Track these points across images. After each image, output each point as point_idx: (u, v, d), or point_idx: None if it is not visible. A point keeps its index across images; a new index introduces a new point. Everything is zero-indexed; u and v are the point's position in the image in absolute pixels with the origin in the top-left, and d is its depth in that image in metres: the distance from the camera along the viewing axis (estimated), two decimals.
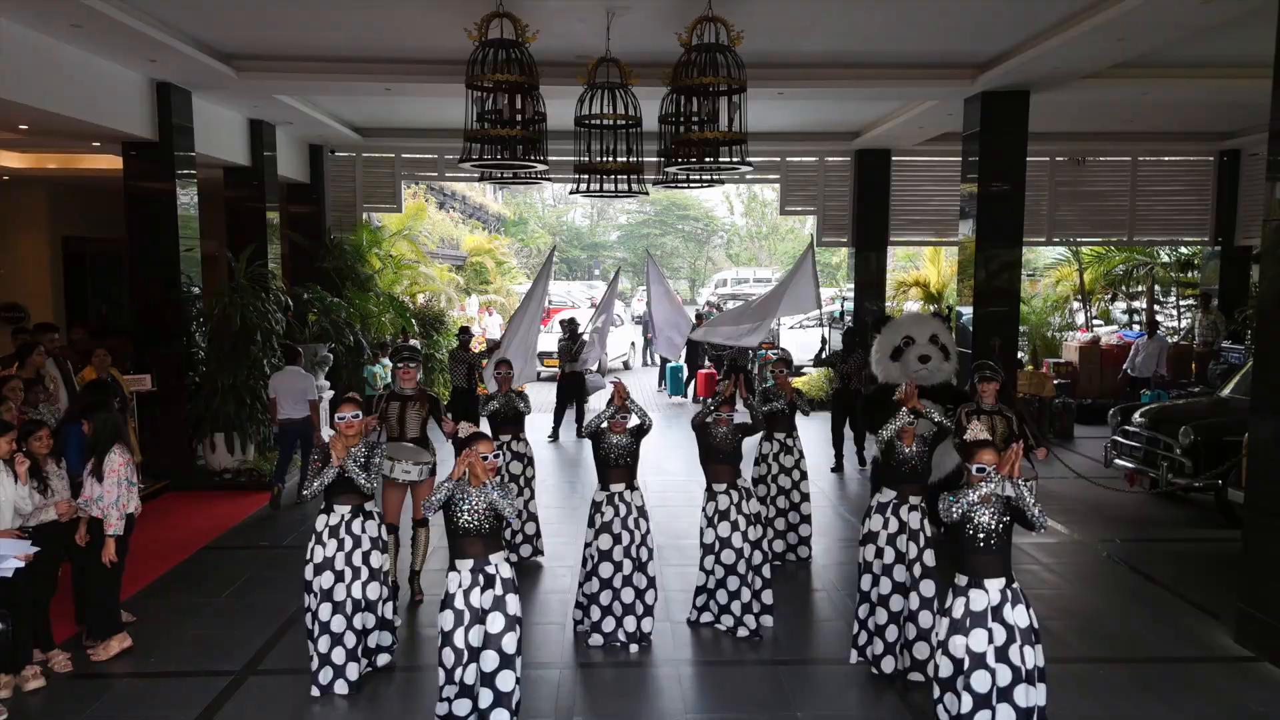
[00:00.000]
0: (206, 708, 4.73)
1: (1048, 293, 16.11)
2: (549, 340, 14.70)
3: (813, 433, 10.07)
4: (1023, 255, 19.61)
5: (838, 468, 10.11)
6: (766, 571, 5.79)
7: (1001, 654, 3.94)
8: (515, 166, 6.76)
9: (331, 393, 11.71)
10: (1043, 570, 6.99)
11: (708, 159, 6.63)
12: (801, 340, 18.24)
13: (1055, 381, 12.22)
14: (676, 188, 8.65)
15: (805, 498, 7.18)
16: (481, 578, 4.16)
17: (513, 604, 4.19)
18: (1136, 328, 15.86)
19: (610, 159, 7.29)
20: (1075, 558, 7.33)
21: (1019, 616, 3.98)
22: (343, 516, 4.91)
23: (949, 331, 7.87)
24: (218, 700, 4.82)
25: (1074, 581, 6.77)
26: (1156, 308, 16.47)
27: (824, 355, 12.92)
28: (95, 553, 5.16)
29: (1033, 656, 3.97)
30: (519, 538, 7.07)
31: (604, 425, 5.58)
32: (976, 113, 9.45)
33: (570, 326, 12.66)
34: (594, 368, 12.15)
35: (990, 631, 3.95)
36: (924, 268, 15.34)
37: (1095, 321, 17.36)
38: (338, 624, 4.83)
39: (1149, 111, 11.50)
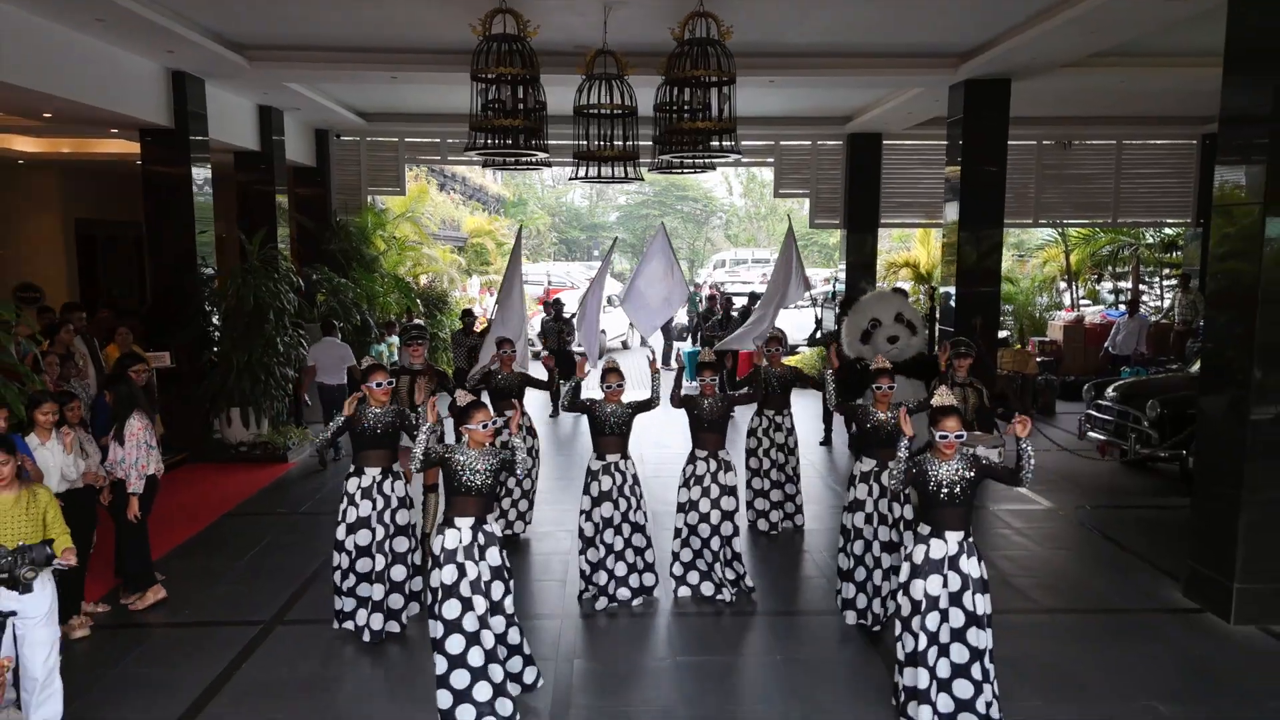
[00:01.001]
0: (240, 653, 5.19)
1: (1035, 273, 16.51)
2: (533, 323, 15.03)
3: (802, 409, 10.49)
4: (1013, 237, 20.02)
5: (826, 441, 10.55)
6: (738, 545, 6.07)
7: (955, 599, 4.37)
8: (517, 154, 7.14)
9: None
10: (1015, 534, 7.45)
11: (699, 147, 7.01)
12: (796, 320, 18.67)
13: (1039, 359, 12.65)
14: (671, 173, 9.01)
15: (796, 469, 7.58)
16: (482, 536, 4.46)
17: (504, 557, 4.50)
18: (1121, 307, 16.25)
19: (607, 145, 7.66)
20: (1047, 523, 7.78)
21: (972, 567, 4.40)
22: (374, 478, 5.35)
23: (910, 305, 8.27)
24: (249, 647, 5.28)
25: (1042, 543, 7.22)
26: (1143, 288, 16.87)
27: (818, 335, 13.27)
28: (124, 512, 5.61)
29: (983, 604, 4.39)
30: (512, 513, 7.27)
31: (600, 397, 5.92)
32: (960, 100, 9.82)
33: (556, 307, 12.93)
34: (579, 348, 12.35)
35: (945, 578, 4.37)
36: (915, 249, 15.73)
37: (1083, 301, 17.76)
38: (367, 579, 5.27)
39: (1132, 97, 11.84)
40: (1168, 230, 16.05)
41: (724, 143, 7.02)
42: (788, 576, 6.57)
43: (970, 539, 4.45)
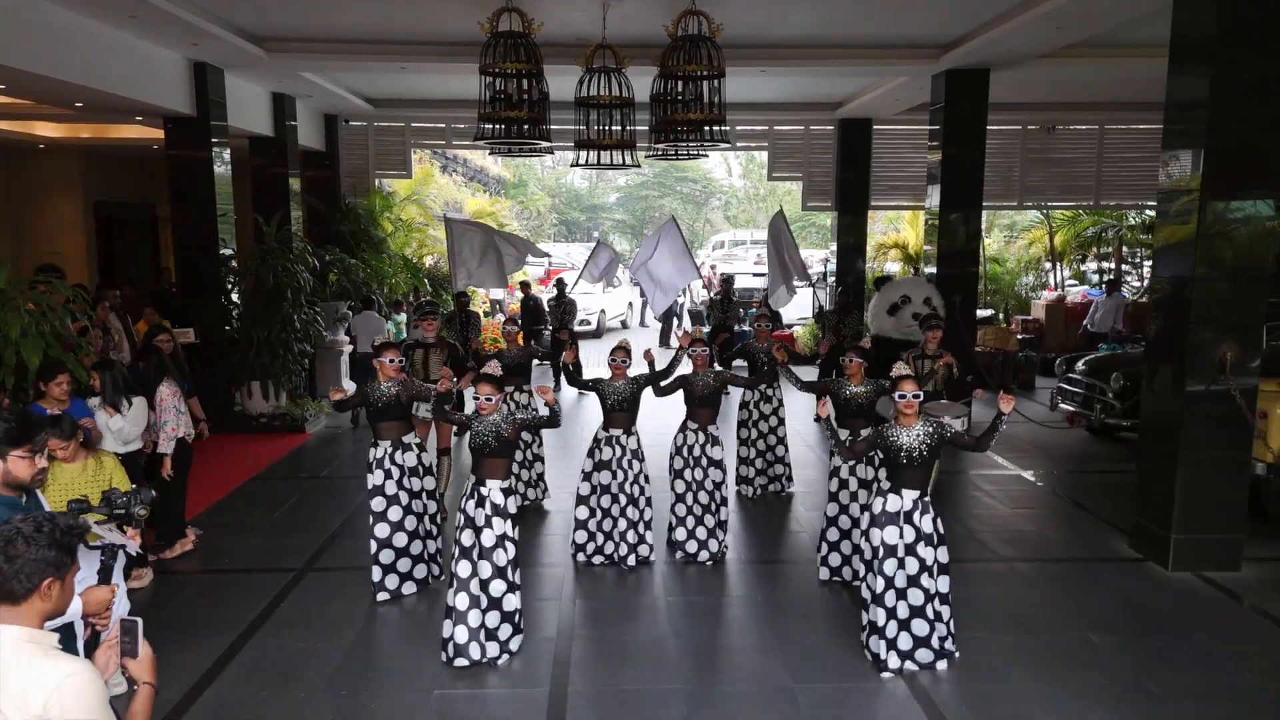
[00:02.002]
0: (276, 596, 5.79)
1: (1021, 254, 17.02)
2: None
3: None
4: (1006, 219, 20.48)
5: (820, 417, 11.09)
6: (723, 514, 6.48)
7: (910, 549, 4.93)
8: (522, 143, 7.67)
9: (350, 347, 12.73)
10: (984, 496, 8.04)
11: (692, 136, 7.54)
12: (795, 299, 19.20)
13: (1019, 336, 13.20)
14: (666, 159, 9.52)
15: (783, 441, 8.12)
16: (477, 495, 4.96)
17: (500, 525, 4.91)
18: (1102, 287, 16.77)
19: (607, 134, 8.17)
20: (1015, 486, 8.37)
21: (926, 523, 4.95)
22: (385, 450, 5.79)
23: (939, 296, 8.80)
24: (284, 590, 5.88)
25: (1008, 504, 7.82)
26: (1126, 268, 17.39)
27: (821, 310, 13.54)
28: (160, 470, 6.19)
29: (934, 555, 4.96)
30: (520, 485, 7.69)
31: (606, 375, 6.39)
32: (942, 88, 10.30)
33: (558, 286, 13.42)
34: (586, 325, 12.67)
35: (901, 530, 4.94)
36: (904, 230, 16.23)
37: (1070, 282, 18.29)
38: (388, 539, 5.74)
39: (1112, 84, 12.28)
40: (1149, 212, 16.54)
41: (715, 130, 7.53)
42: (773, 533, 7.17)
43: (926, 498, 5.00)
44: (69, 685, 2.07)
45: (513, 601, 5.01)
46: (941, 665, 4.88)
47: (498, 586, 4.95)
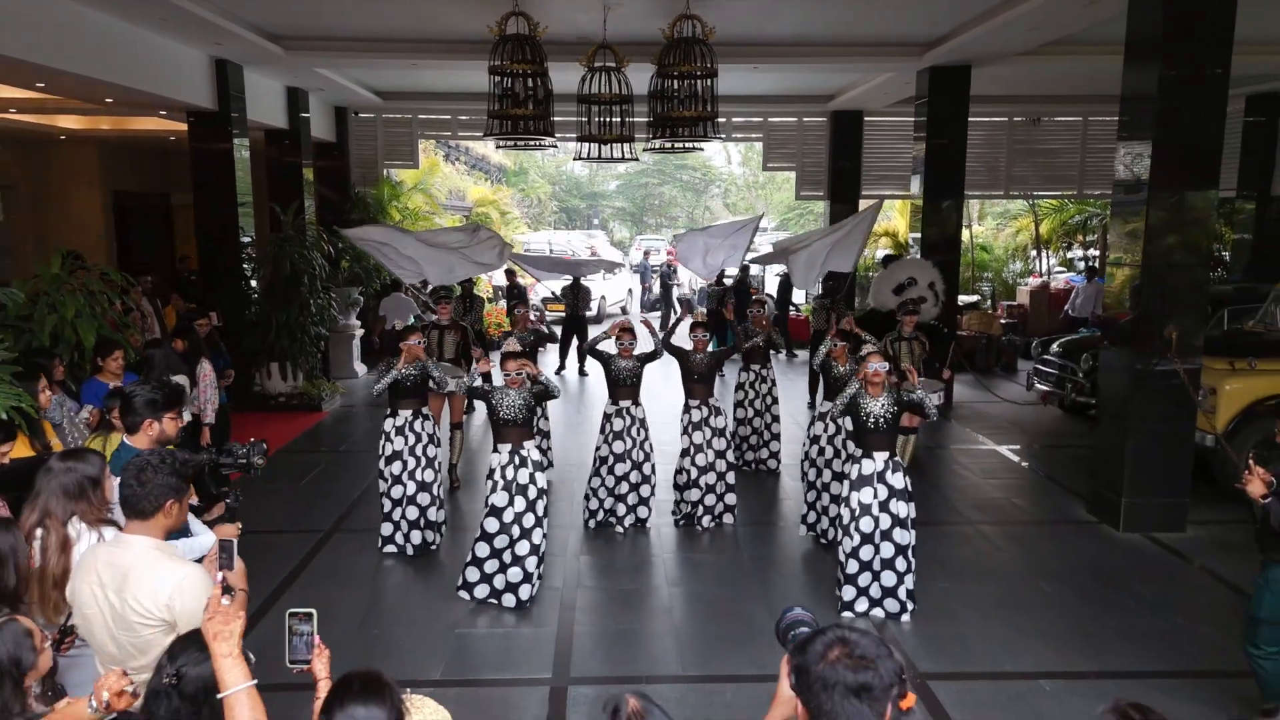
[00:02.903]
0: (307, 554, 6.38)
1: (1009, 242, 17.55)
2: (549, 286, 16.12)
3: (793, 380, 11.64)
4: (999, 207, 20.96)
5: (812, 404, 11.67)
6: (731, 479, 7.10)
7: (884, 506, 5.51)
8: (528, 137, 8.20)
9: (361, 331, 13.30)
10: (961, 468, 8.62)
11: (685, 131, 8.08)
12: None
13: (1002, 321, 13.76)
14: (661, 153, 10.05)
15: (776, 418, 8.64)
16: (517, 459, 5.66)
17: (540, 479, 5.63)
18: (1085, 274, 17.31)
19: (607, 129, 8.69)
20: (990, 460, 8.95)
21: (896, 480, 5.54)
22: (405, 418, 6.43)
23: (943, 282, 9.36)
24: (314, 549, 6.47)
25: (981, 475, 8.40)
26: (1110, 255, 17.91)
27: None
28: (198, 441, 6.75)
29: (906, 509, 5.55)
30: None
31: (615, 352, 6.99)
32: (926, 84, 10.82)
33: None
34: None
35: (875, 489, 5.53)
36: (894, 218, 16.75)
37: (1058, 269, 18.83)
38: (403, 502, 6.35)
39: (1093, 78, 12.77)
40: None
41: (707, 126, 8.07)
42: (762, 500, 7.75)
43: (894, 458, 5.59)
44: (187, 584, 2.64)
45: (533, 563, 5.60)
46: (905, 616, 5.47)
47: (523, 547, 5.56)
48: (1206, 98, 6.40)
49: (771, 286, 18.92)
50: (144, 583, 2.62)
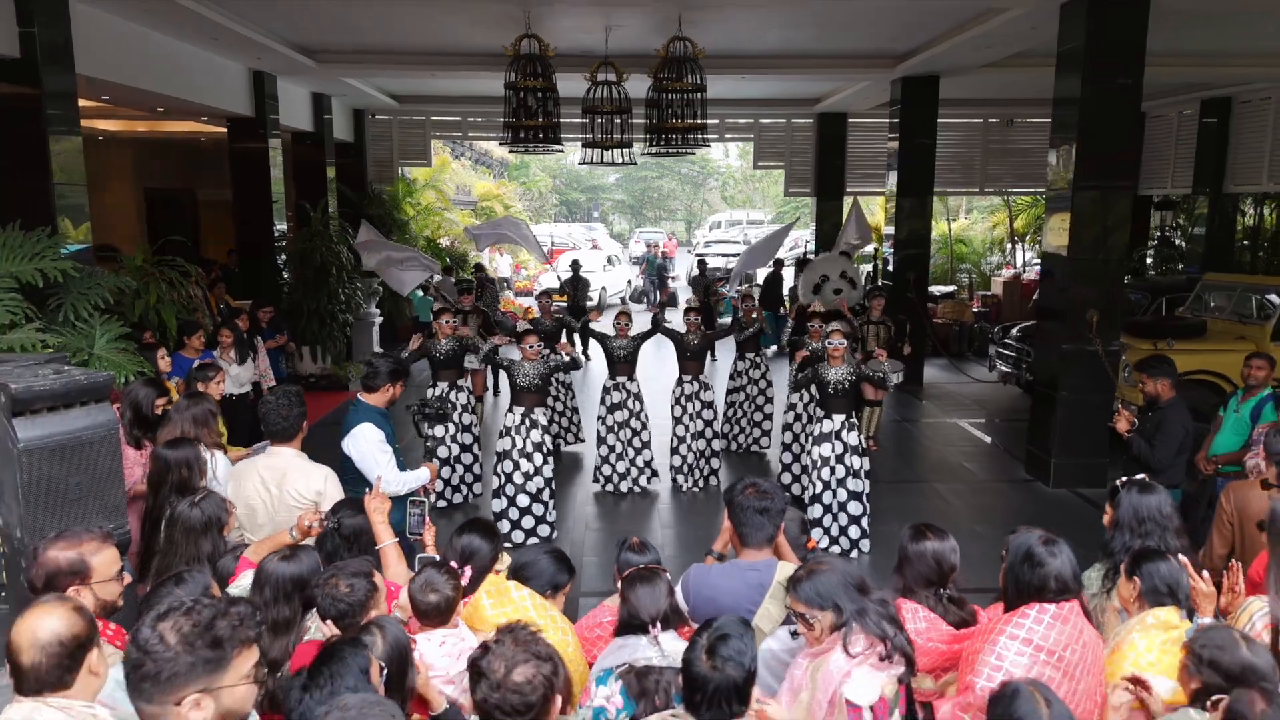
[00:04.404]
0: None
1: (985, 235, 18.61)
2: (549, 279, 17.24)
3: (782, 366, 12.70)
4: (985, 202, 21.94)
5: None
6: (717, 446, 8.16)
7: (840, 459, 6.61)
8: (539, 144, 9.26)
9: (381, 319, 14.37)
10: (922, 438, 9.72)
11: (677, 139, 9.14)
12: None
13: (974, 309, 14.84)
14: (657, 155, 11.08)
15: (769, 400, 9.63)
16: (528, 420, 6.75)
17: (547, 441, 6.72)
18: None
19: (608, 135, 9.73)
20: (951, 432, 10.04)
21: (851, 438, 6.63)
22: (443, 389, 7.52)
23: (852, 264, 10.45)
24: None
25: (942, 444, 9.49)
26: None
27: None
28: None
29: (859, 462, 6.63)
30: (555, 428, 9.21)
31: (613, 333, 8.10)
32: (898, 92, 11.87)
33: (574, 267, 15.15)
34: (592, 304, 14.42)
35: (833, 444, 6.62)
36: (877, 213, 17.79)
37: (1034, 261, 19.86)
38: (450, 461, 7.41)
39: (1053, 86, 13.83)
40: None
41: (696, 136, 9.14)
42: (748, 467, 8.83)
43: (851, 419, 6.67)
44: (331, 477, 3.74)
45: (544, 530, 6.68)
46: (859, 552, 6.56)
47: (533, 485, 6.65)
48: (1122, 105, 7.45)
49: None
50: (300, 478, 3.76)
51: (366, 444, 4.36)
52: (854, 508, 6.61)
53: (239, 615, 1.80)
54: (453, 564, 2.80)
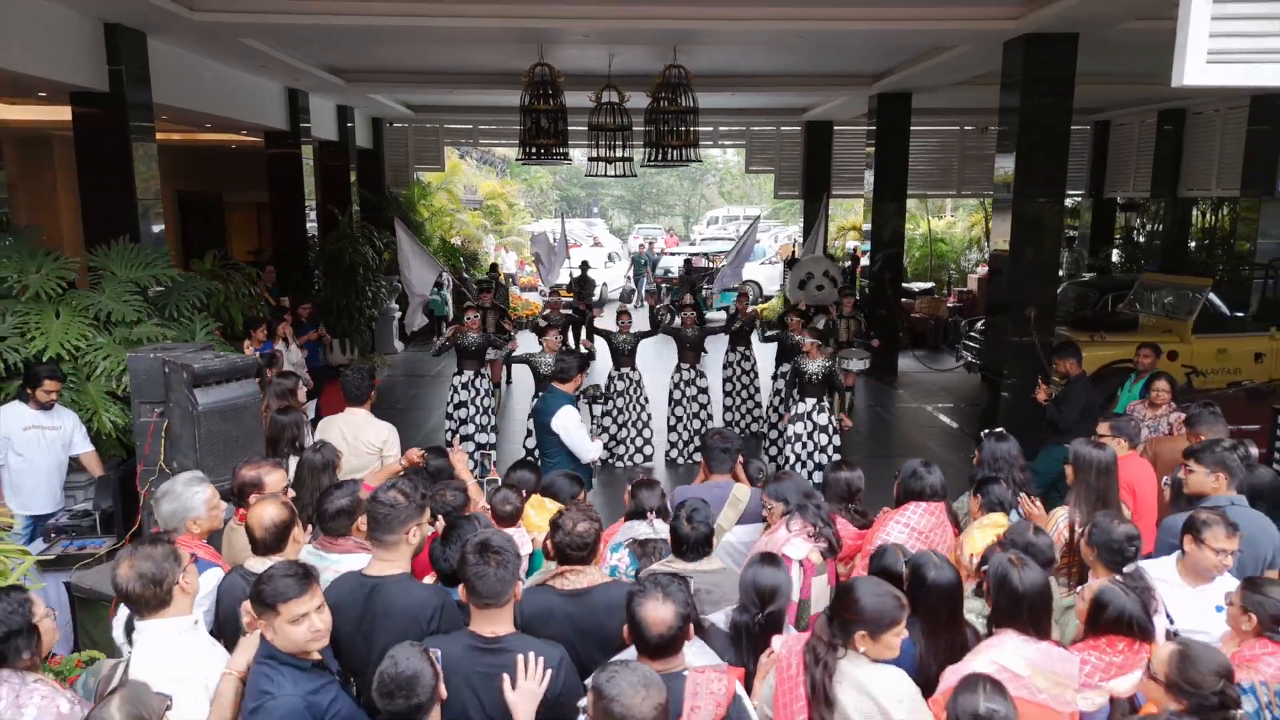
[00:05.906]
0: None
1: (964, 235, 19.77)
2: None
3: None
4: (966, 203, 23.07)
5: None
6: (711, 424, 9.44)
7: (810, 436, 7.79)
8: (550, 158, 10.42)
9: (400, 313, 15.52)
10: (895, 422, 10.90)
11: (672, 155, 10.31)
12: (769, 273, 22.12)
13: (949, 304, 16.01)
14: (655, 166, 12.23)
15: (758, 389, 10.84)
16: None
17: None
18: None
19: (611, 150, 10.88)
20: (918, 416, 11.22)
21: (821, 419, 7.81)
22: (468, 376, 8.70)
23: (836, 264, 11.63)
24: None
25: (909, 427, 10.68)
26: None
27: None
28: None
29: (827, 439, 7.80)
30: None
31: (615, 328, 9.30)
32: (876, 106, 13.02)
33: (583, 267, 16.30)
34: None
35: (805, 424, 7.80)
36: (861, 214, 18.93)
37: None
38: (469, 439, 8.62)
39: None
40: (1067, 201, 19.24)
41: (688, 151, 10.31)
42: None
43: (822, 403, 7.85)
44: (392, 431, 4.93)
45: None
46: None
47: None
48: (1053, 126, 8.61)
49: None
50: (370, 431, 4.98)
51: (569, 422, 5.70)
52: (820, 477, 7.78)
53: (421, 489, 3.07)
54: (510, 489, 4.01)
